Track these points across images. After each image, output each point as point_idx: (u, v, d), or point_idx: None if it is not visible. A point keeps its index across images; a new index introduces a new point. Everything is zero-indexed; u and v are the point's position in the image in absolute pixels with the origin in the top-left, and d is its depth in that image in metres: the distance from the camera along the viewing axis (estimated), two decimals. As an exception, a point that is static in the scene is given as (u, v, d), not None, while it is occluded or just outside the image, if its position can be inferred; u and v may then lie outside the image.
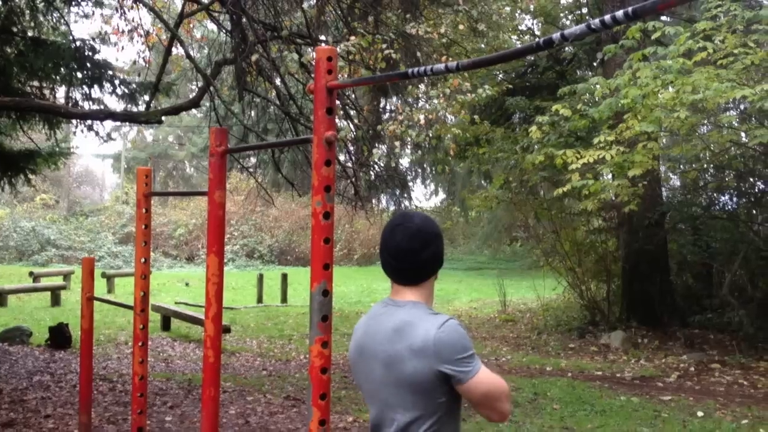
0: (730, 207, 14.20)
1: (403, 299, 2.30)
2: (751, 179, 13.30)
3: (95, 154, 50.76)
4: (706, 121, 11.08)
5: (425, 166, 32.23)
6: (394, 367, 2.21)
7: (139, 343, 4.82)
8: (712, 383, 9.54)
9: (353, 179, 10.31)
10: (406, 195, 23.15)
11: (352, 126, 9.77)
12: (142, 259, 4.77)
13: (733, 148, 11.59)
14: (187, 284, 22.65)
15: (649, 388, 9.16)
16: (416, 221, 2.33)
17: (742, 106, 12.41)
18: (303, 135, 9.03)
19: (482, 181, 22.62)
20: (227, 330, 10.79)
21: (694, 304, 13.83)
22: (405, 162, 29.76)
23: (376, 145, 10.11)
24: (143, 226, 4.81)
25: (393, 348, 2.22)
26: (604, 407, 7.89)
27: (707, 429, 7.09)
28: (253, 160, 21.52)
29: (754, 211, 13.73)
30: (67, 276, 20.30)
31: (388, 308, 2.32)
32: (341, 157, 11.20)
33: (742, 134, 10.62)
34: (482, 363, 2.19)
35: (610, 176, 11.79)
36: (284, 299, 18.75)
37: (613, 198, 11.85)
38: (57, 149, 10.36)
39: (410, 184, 32.77)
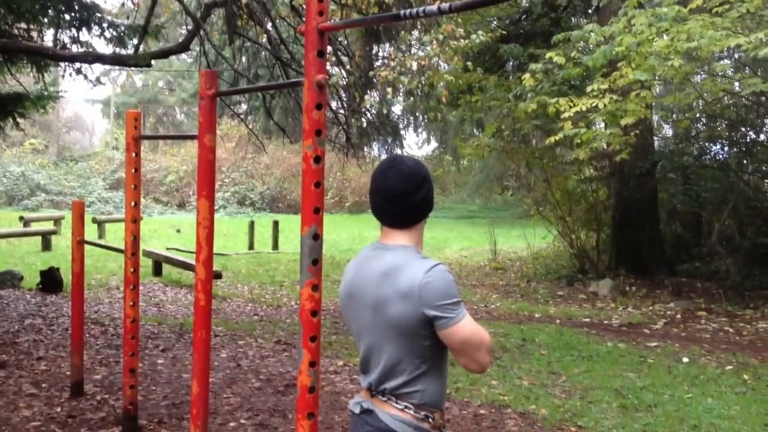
0: (721, 157, 14.24)
1: (393, 243, 2.30)
2: (743, 129, 13.30)
3: (85, 99, 50.34)
4: (699, 70, 11.02)
5: (417, 114, 32.04)
6: (381, 310, 2.23)
7: (131, 287, 4.85)
8: (698, 330, 9.68)
9: (345, 126, 10.25)
10: (397, 143, 23.05)
11: (343, 72, 9.68)
12: (132, 203, 4.76)
13: (726, 98, 11.56)
14: (178, 231, 22.66)
15: (636, 334, 9.29)
16: (408, 164, 2.32)
17: (736, 55, 12.34)
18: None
19: (474, 130, 22.53)
20: (218, 276, 10.84)
21: (682, 253, 13.96)
22: (397, 110, 29.55)
23: (368, 91, 10.03)
24: (133, 170, 4.80)
25: (381, 291, 2.23)
26: (590, 353, 8.01)
27: (692, 374, 7.22)
28: (244, 106, 21.33)
29: (745, 161, 13.77)
30: (57, 221, 20.27)
31: (377, 251, 2.33)
32: (333, 104, 11.12)
33: (736, 83, 10.58)
34: (468, 313, 2.19)
35: (602, 125, 11.75)
36: (275, 246, 18.80)
37: (605, 147, 11.85)
38: (45, 93, 10.24)
39: (402, 132, 32.60)
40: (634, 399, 6.28)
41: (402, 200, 2.28)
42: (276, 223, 19.39)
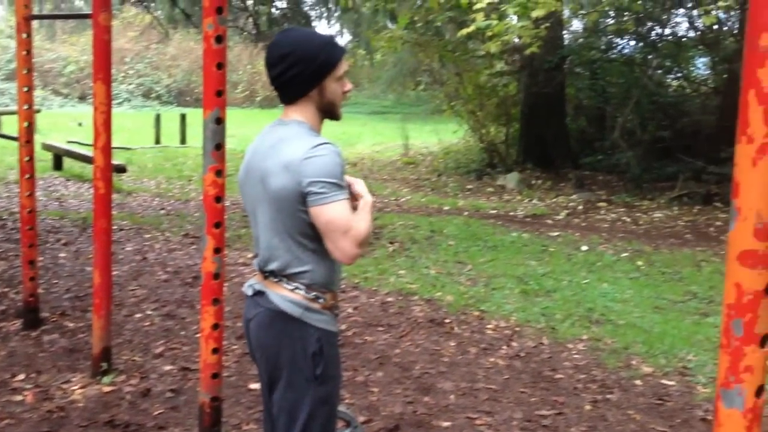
0: (627, 51, 14.51)
1: (288, 118, 2.28)
2: (649, 23, 13.52)
3: (-29, -17, 46.69)
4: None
5: (330, 5, 31.24)
6: (265, 183, 2.21)
7: (26, 176, 4.65)
8: (598, 220, 10.08)
9: (253, 14, 9.88)
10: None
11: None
12: (25, 88, 4.52)
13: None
14: (80, 124, 21.75)
15: (540, 225, 9.61)
16: (289, 34, 2.29)
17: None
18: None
19: (388, 22, 22.14)
20: (122, 170, 10.53)
21: (586, 147, 14.36)
22: None
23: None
24: (24, 52, 4.52)
25: (266, 163, 2.20)
26: (496, 243, 8.26)
27: (590, 262, 7.55)
28: (148, -7, 20.28)
29: (650, 57, 14.07)
30: (-53, 114, 19.14)
31: (274, 127, 2.30)
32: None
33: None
34: (346, 201, 2.13)
35: (514, 18, 11.73)
36: (183, 140, 18.32)
37: (517, 40, 11.87)
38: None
39: (314, 23, 31.79)
40: (535, 285, 6.54)
41: (275, 71, 2.23)
42: (183, 117, 18.83)
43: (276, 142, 2.22)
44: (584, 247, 8.20)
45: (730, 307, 1.17)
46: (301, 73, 2.20)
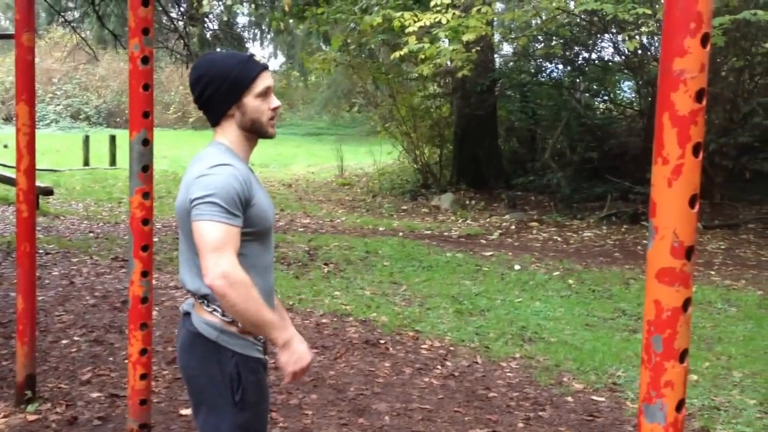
0: (556, 75, 14.88)
1: (213, 140, 2.29)
2: (576, 48, 13.90)
3: None
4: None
5: (264, 27, 31.17)
6: (177, 199, 2.23)
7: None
8: (530, 240, 10.25)
9: (183, 34, 9.80)
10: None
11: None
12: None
13: (561, 16, 11.98)
14: (5, 146, 21.11)
15: (474, 245, 9.72)
16: (206, 57, 2.32)
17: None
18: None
19: (321, 44, 22.21)
20: (50, 192, 10.25)
21: (518, 168, 14.62)
22: (243, 21, 28.63)
23: (208, -2, 9.58)
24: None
25: (183, 181, 2.22)
26: (431, 263, 8.31)
27: (522, 281, 7.66)
28: (76, 14, 19.88)
29: (578, 80, 14.45)
30: None
31: (203, 149, 2.30)
32: (173, 14, 10.58)
33: (571, 2, 10.97)
34: (222, 223, 2.05)
35: (446, 41, 11.91)
36: (113, 162, 17.97)
37: (448, 63, 12.04)
38: None
39: (248, 45, 31.65)
40: (469, 304, 6.60)
41: (195, 93, 2.24)
42: (113, 138, 18.49)
43: (193, 162, 2.24)
44: (517, 267, 8.32)
45: (650, 323, 1.20)
46: (216, 93, 2.19)
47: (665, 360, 1.19)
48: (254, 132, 2.26)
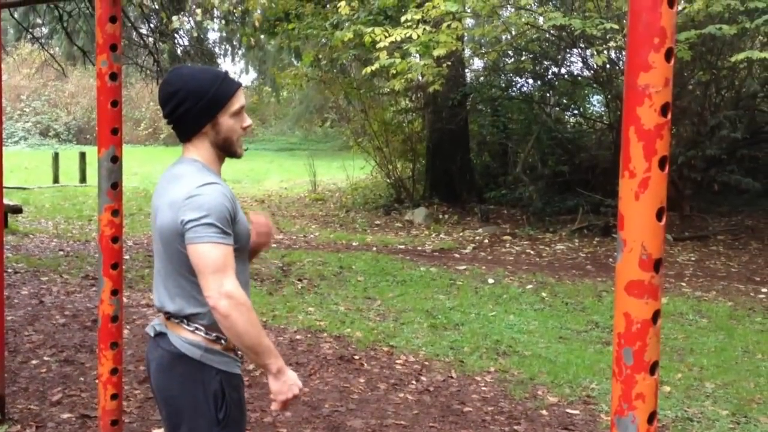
0: (526, 89, 15.01)
1: (185, 156, 2.25)
2: (546, 63, 14.04)
3: None
4: (507, 4, 11.44)
5: (235, 42, 31.12)
6: (156, 220, 2.19)
7: None
8: (503, 253, 10.29)
9: (153, 50, 9.74)
10: (214, 72, 22.20)
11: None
12: None
13: (530, 32, 12.10)
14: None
15: (447, 259, 9.73)
16: (176, 72, 2.27)
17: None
18: None
19: (293, 59, 22.23)
20: (18, 210, 10.12)
21: (490, 182, 14.69)
22: (214, 36, 28.55)
23: (178, 14, 9.54)
24: None
25: (159, 201, 2.19)
26: (404, 278, 8.31)
27: (496, 294, 7.69)
28: (45, 30, 19.70)
29: (548, 94, 14.57)
30: None
31: (173, 166, 2.27)
32: (143, 30, 10.53)
33: (540, 18, 11.08)
34: (220, 244, 2.05)
35: (417, 56, 11.99)
36: (83, 179, 17.80)
37: (420, 78, 12.10)
38: None
39: (219, 61, 31.56)
40: (443, 319, 6.60)
41: (167, 109, 2.20)
42: (83, 155, 18.31)
43: (170, 180, 2.20)
44: (491, 280, 8.34)
45: (620, 336, 1.21)
46: (192, 109, 2.16)
47: (636, 372, 1.20)
48: (224, 151, 2.25)
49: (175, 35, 10.50)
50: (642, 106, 1.13)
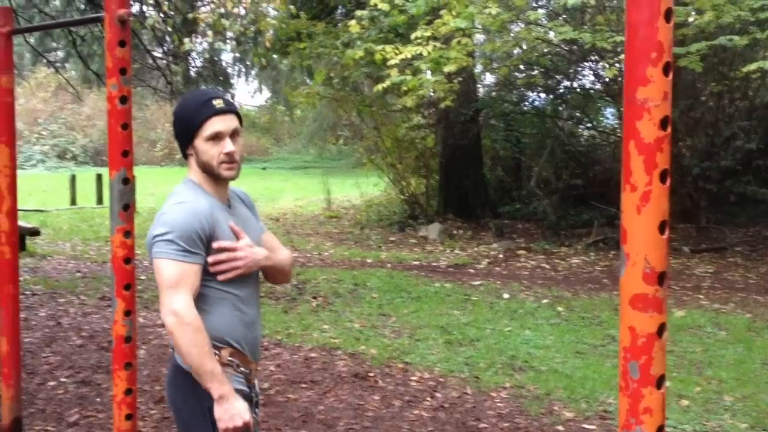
0: (538, 103, 15.01)
1: (186, 175, 2.39)
2: (557, 77, 14.04)
3: None
4: (516, 19, 11.47)
5: (248, 62, 31.39)
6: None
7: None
8: (518, 268, 10.25)
9: (166, 72, 9.84)
10: (228, 92, 22.45)
11: (161, 14, 9.23)
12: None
13: (541, 46, 12.13)
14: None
15: (462, 274, 9.71)
16: (180, 98, 2.47)
17: (549, 2, 12.94)
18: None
19: (305, 78, 22.36)
20: (36, 233, 10.21)
21: (504, 196, 14.68)
22: (227, 58, 28.78)
23: (190, 36, 9.64)
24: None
25: None
26: (419, 294, 8.30)
27: (512, 309, 7.65)
28: (60, 54, 19.94)
29: (560, 108, 14.57)
30: None
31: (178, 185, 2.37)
32: (156, 53, 10.64)
33: (551, 32, 11.11)
34: (174, 261, 2.12)
35: (428, 73, 12.04)
36: (100, 200, 17.91)
37: (431, 94, 12.13)
38: None
39: (233, 81, 31.81)
40: (458, 335, 6.58)
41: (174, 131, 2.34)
42: (99, 177, 18.43)
43: (167, 198, 2.34)
44: (506, 295, 8.31)
45: (626, 350, 1.21)
46: (177, 133, 2.31)
47: (642, 386, 1.19)
48: (207, 173, 2.30)
49: (189, 57, 10.59)
50: (641, 120, 1.13)
